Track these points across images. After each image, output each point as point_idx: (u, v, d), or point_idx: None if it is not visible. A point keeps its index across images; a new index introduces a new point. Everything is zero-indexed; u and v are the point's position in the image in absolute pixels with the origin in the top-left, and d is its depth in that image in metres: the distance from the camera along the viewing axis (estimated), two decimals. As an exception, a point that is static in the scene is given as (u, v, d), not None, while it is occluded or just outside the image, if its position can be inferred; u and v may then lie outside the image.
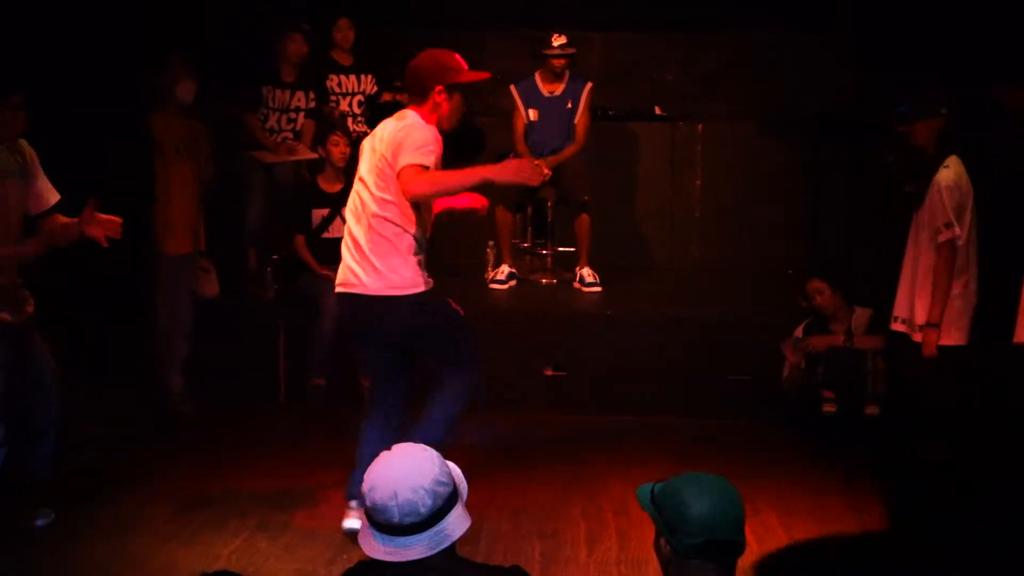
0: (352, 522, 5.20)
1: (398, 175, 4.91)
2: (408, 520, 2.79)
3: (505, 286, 8.32)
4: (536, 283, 8.52)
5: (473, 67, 5.27)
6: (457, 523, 2.86)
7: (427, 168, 4.87)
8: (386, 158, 4.99)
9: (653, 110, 9.46)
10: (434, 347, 5.29)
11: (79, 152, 5.81)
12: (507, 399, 7.42)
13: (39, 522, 5.46)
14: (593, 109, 8.51)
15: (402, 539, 2.81)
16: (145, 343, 7.19)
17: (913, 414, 5.77)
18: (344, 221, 7.77)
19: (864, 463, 6.37)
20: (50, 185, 5.32)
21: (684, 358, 7.44)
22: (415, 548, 2.80)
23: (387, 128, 5.09)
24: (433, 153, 4.94)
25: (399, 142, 4.93)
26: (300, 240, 7.59)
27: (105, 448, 6.47)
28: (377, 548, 2.83)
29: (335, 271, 7.62)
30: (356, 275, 5.12)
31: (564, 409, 7.40)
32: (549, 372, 7.50)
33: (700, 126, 9.40)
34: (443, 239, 9.32)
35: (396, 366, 5.30)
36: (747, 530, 5.44)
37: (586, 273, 8.29)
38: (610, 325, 7.63)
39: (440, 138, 5.04)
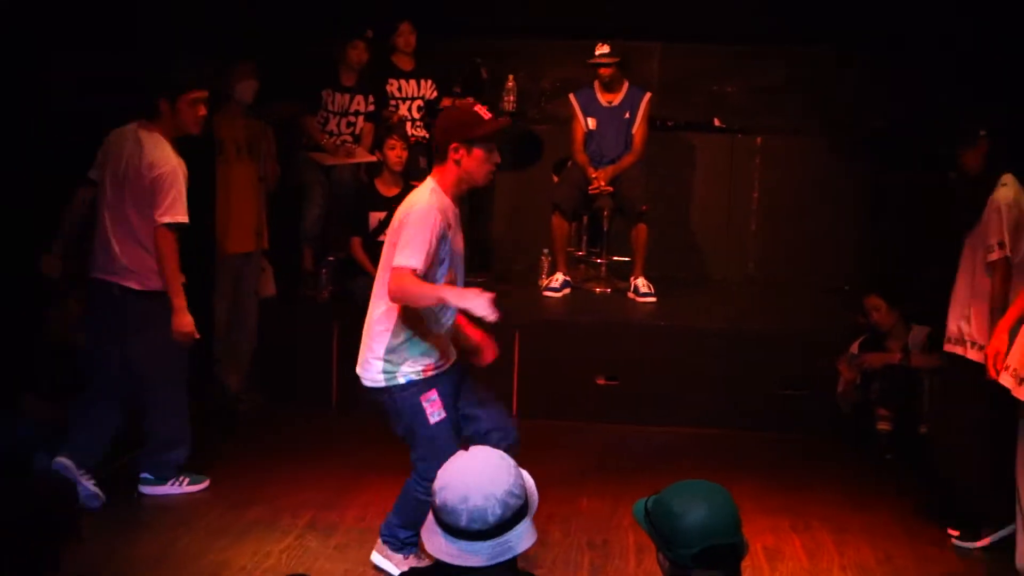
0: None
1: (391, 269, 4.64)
2: (474, 527, 2.75)
3: (559, 294, 8.31)
4: (590, 292, 8.51)
5: (531, 77, 5.16)
6: (522, 537, 2.82)
7: (417, 269, 4.56)
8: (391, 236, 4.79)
9: (712, 122, 9.44)
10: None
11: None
12: (559, 407, 7.42)
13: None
14: (652, 120, 8.49)
15: (465, 543, 2.77)
16: (205, 341, 7.23)
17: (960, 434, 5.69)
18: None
19: (917, 482, 6.31)
20: None
21: (738, 371, 7.40)
22: (477, 556, 2.76)
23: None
24: (421, 251, 4.59)
25: (403, 219, 4.71)
26: (356, 242, 7.64)
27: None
28: (441, 546, 2.80)
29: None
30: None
31: (616, 419, 7.38)
32: (602, 381, 7.49)
33: (759, 139, 9.36)
34: (498, 247, 9.44)
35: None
36: (798, 545, 5.47)
37: (641, 283, 8.27)
38: (664, 336, 7.61)
39: (439, 221, 4.66)
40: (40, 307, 6.46)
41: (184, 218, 5.60)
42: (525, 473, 2.89)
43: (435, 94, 8.61)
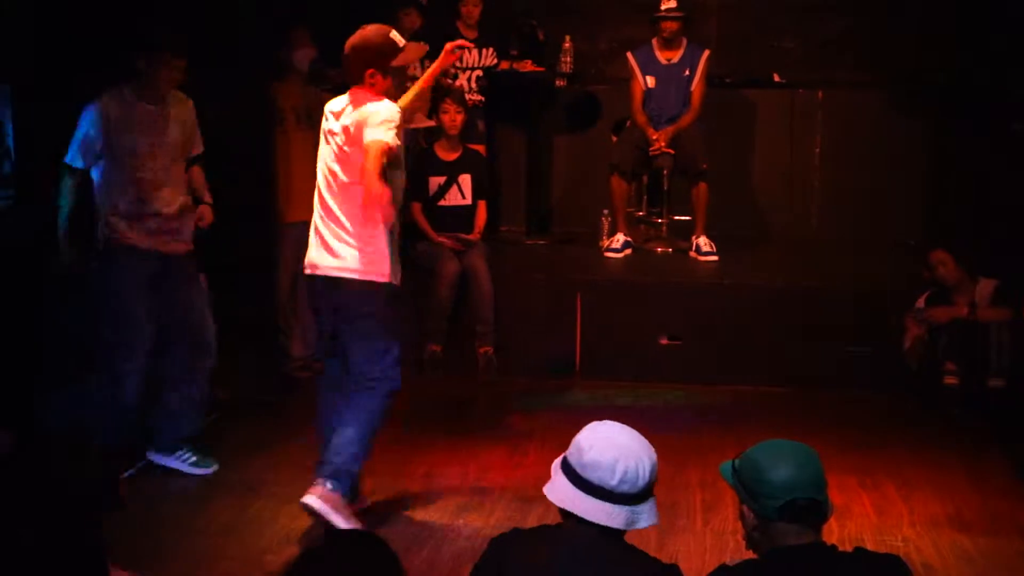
0: (310, 498, 4.97)
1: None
2: (623, 488, 2.80)
3: (620, 255, 8.29)
4: (651, 252, 8.48)
5: (588, 37, 5.17)
6: (649, 513, 2.87)
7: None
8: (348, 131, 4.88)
9: (772, 77, 9.33)
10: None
11: (200, 121, 5.93)
12: (622, 368, 7.42)
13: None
14: (710, 77, 8.43)
15: (604, 504, 2.81)
16: (269, 310, 7.30)
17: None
18: (461, 189, 7.85)
19: (987, 436, 6.25)
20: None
21: (802, 329, 7.35)
22: (610, 516, 2.80)
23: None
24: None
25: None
26: (416, 207, 7.66)
27: (229, 413, 6.60)
28: (575, 501, 2.82)
29: (451, 238, 7.74)
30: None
31: (680, 379, 7.35)
32: (665, 341, 7.47)
33: (820, 93, 9.24)
34: (558, 209, 9.43)
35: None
36: (866, 501, 5.44)
37: (702, 242, 8.23)
38: (727, 295, 7.57)
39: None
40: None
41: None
42: None
43: (495, 61, 8.60)
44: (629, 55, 8.39)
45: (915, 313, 6.96)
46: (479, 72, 8.51)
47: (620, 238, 8.33)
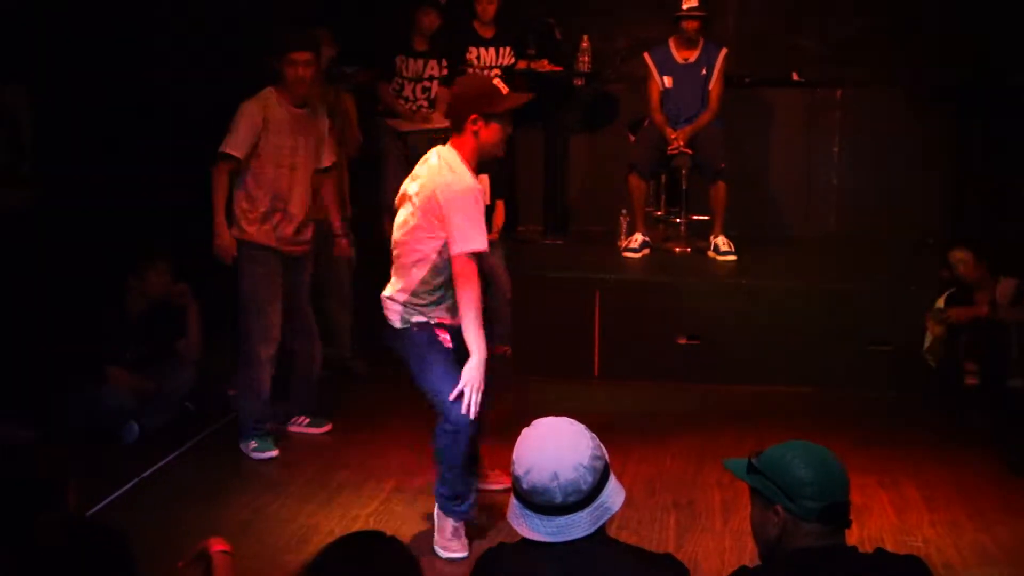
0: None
1: (453, 259, 4.76)
2: (571, 499, 2.72)
3: (638, 254, 8.27)
4: (670, 252, 8.46)
5: (606, 36, 5.14)
6: (614, 495, 2.80)
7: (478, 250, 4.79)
8: (420, 207, 4.82)
9: (790, 76, 9.30)
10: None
11: (224, 117, 5.96)
12: (640, 368, 7.40)
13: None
14: (728, 76, 8.40)
15: (563, 519, 2.73)
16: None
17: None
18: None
19: (1006, 436, 6.22)
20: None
21: (821, 328, 7.33)
22: (578, 526, 2.73)
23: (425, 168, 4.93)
24: (477, 229, 4.77)
25: (445, 205, 4.75)
26: (435, 208, 7.62)
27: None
28: (538, 530, 2.76)
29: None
30: None
31: (698, 378, 7.34)
32: (683, 341, 7.45)
33: (838, 92, 9.23)
34: (576, 208, 9.42)
35: None
36: (886, 501, 5.43)
37: (721, 242, 8.20)
38: (746, 294, 7.55)
39: (479, 195, 4.84)
40: (120, 279, 6.58)
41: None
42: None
43: (512, 60, 8.59)
44: (646, 55, 8.36)
45: (935, 312, 6.93)
46: (497, 71, 8.50)
47: (638, 238, 8.31)
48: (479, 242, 4.75)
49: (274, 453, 6.06)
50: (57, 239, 6.61)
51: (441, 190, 4.74)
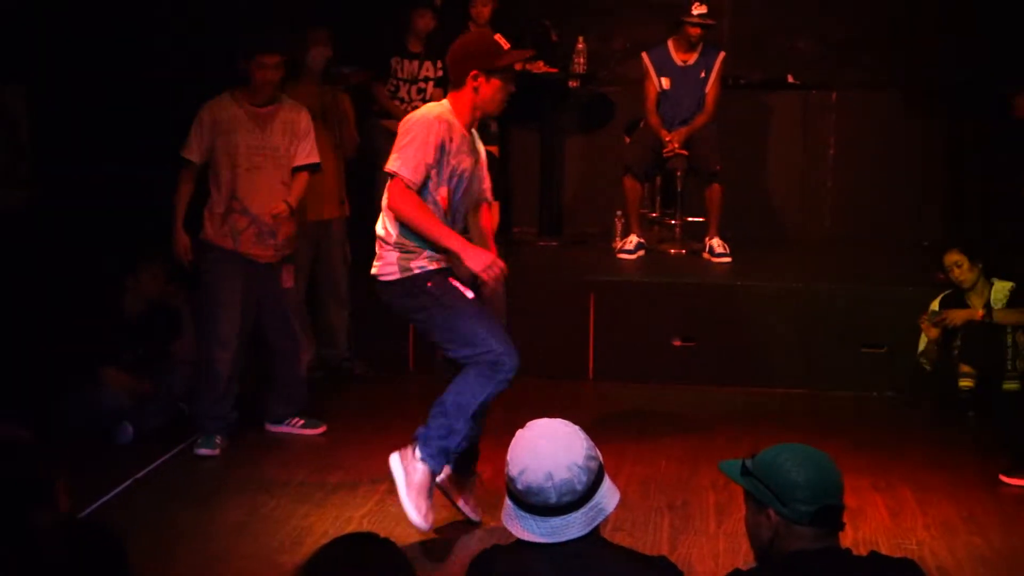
0: (394, 456, 4.90)
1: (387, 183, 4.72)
2: (566, 500, 2.73)
3: (633, 256, 8.28)
4: (665, 253, 8.47)
5: (601, 38, 5.14)
6: (609, 496, 2.81)
7: (404, 179, 4.65)
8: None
9: (785, 79, 9.32)
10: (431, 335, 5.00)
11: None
12: (635, 369, 7.41)
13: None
14: (724, 78, 8.40)
15: (558, 519, 2.74)
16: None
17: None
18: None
19: (1001, 439, 6.22)
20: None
21: (816, 330, 7.34)
22: (573, 527, 2.74)
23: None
24: (415, 160, 4.67)
25: (400, 127, 4.78)
26: (430, 209, 7.62)
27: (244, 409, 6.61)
28: (532, 531, 2.76)
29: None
30: None
31: (693, 380, 7.35)
32: (678, 343, 7.46)
33: (834, 95, 9.24)
34: (571, 210, 9.42)
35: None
36: (880, 503, 5.43)
37: (716, 243, 8.21)
38: (741, 296, 7.55)
39: (440, 130, 4.71)
40: (118, 279, 6.58)
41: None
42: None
43: (507, 61, 8.58)
44: (644, 55, 8.35)
45: (930, 315, 6.94)
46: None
47: (633, 239, 8.32)
48: (407, 170, 4.63)
49: (215, 452, 6.05)
50: (55, 239, 6.61)
51: (406, 118, 4.79)
